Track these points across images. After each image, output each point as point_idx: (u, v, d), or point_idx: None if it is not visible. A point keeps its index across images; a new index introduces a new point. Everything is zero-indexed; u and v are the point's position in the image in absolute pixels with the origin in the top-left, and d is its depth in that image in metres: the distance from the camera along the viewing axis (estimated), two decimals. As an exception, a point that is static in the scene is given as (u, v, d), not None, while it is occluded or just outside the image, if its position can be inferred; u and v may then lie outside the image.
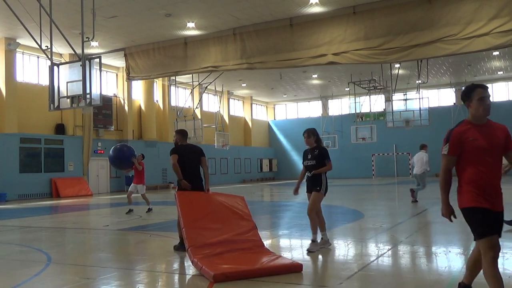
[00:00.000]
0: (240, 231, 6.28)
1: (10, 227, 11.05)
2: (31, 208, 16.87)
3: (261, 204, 17.32)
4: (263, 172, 43.72)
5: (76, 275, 5.70)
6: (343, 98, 42.01)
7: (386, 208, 13.31)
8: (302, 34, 16.01)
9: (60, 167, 23.98)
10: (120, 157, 12.77)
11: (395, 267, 5.82)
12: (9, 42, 21.22)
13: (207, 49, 18.05)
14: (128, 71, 19.93)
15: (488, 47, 13.45)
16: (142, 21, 18.42)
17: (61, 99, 11.36)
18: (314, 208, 6.88)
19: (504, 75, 35.42)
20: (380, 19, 14.71)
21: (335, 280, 5.02)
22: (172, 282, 5.43)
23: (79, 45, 11.84)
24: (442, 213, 3.87)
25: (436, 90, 39.30)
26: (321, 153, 6.96)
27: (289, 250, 7.27)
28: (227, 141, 31.62)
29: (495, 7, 12.88)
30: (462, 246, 6.91)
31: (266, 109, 46.33)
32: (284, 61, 16.31)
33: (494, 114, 15.71)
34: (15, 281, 5.36)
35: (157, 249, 7.75)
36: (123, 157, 12.76)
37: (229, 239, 6.00)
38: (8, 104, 21.52)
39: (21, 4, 13.74)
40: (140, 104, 30.08)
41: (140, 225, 10.49)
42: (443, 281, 4.88)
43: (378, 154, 40.28)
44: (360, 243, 7.38)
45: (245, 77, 32.54)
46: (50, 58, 11.77)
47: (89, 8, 13.23)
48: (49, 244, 8.27)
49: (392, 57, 14.77)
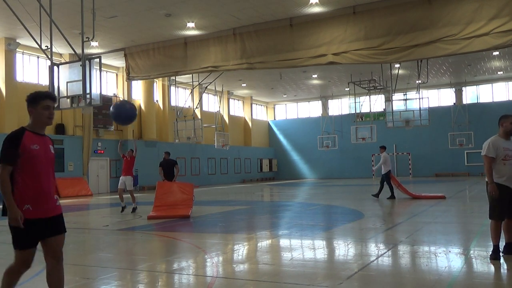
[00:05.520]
0: (181, 199, 12.29)
1: (10, 227, 11.03)
2: (31, 208, 16.83)
3: (261, 204, 17.32)
4: (263, 172, 43.71)
5: (76, 275, 5.70)
6: (343, 98, 42.01)
7: (386, 208, 13.31)
8: (302, 34, 16.01)
9: (60, 167, 23.95)
10: (122, 113, 11.11)
11: (395, 267, 5.82)
12: (9, 42, 21.21)
13: (207, 49, 18.04)
14: (128, 71, 19.92)
15: (488, 47, 13.45)
16: (142, 21, 18.41)
17: (61, 99, 11.35)
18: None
19: (504, 75, 35.42)
20: (380, 19, 14.71)
21: (335, 280, 5.02)
22: (172, 282, 5.43)
23: (79, 45, 11.84)
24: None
25: (436, 90, 39.30)
26: None
27: (289, 250, 7.26)
28: (227, 141, 31.61)
29: (495, 7, 12.88)
30: (462, 246, 6.91)
31: (266, 109, 46.33)
32: (284, 61, 16.30)
33: (494, 114, 15.72)
34: (15, 281, 5.35)
35: (157, 249, 7.75)
36: (126, 114, 11.10)
37: (174, 203, 12.12)
38: (8, 104, 21.52)
39: (21, 4, 13.74)
40: (140, 104, 30.06)
41: (140, 225, 10.49)
42: (443, 281, 4.88)
43: (378, 154, 40.22)
44: (360, 243, 7.38)
45: (245, 77, 32.53)
46: (50, 58, 11.76)
47: (89, 8, 13.23)
48: (49, 244, 8.24)
49: (392, 57, 14.76)
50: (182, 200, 12.27)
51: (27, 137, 3.61)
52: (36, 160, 3.61)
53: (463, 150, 36.55)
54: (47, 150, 3.73)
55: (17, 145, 3.54)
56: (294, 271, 5.55)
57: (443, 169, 38.19)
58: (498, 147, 5.64)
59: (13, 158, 3.53)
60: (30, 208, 3.57)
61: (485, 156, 5.69)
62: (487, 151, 5.69)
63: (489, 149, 5.67)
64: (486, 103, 37.48)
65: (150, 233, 9.45)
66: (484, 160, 5.72)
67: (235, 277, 5.41)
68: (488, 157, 5.65)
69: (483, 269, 5.46)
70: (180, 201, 12.26)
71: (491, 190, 5.58)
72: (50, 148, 3.80)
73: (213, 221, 11.43)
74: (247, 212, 13.42)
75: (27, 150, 3.57)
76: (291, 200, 17.75)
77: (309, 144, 42.40)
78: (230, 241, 8.18)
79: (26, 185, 3.57)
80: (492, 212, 5.69)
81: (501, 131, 5.76)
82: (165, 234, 9.15)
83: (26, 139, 3.59)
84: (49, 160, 3.75)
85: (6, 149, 3.54)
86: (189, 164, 33.67)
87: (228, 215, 12.54)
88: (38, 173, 3.63)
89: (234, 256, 6.74)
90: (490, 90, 38.04)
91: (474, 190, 19.85)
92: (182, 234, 9.26)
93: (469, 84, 37.88)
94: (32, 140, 3.62)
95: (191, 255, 6.86)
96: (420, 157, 39.01)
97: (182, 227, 10.26)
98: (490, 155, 5.64)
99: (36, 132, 3.70)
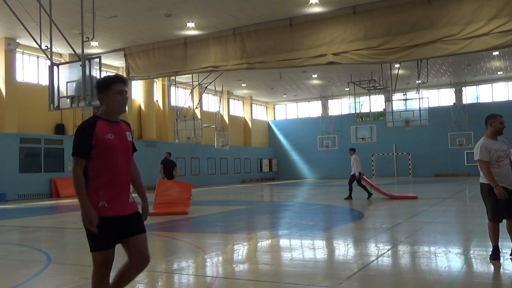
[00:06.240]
0: (179, 197, 12.96)
1: (10, 227, 11.04)
2: (31, 208, 16.86)
3: (261, 204, 17.32)
4: (263, 172, 43.72)
5: (76, 275, 5.70)
6: (343, 98, 42.00)
7: (386, 208, 13.31)
8: (302, 34, 16.02)
9: (60, 167, 23.96)
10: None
11: (395, 267, 5.82)
12: (9, 42, 21.21)
13: (207, 49, 18.04)
14: (128, 71, 19.92)
15: (488, 47, 13.46)
16: (142, 21, 18.41)
17: (61, 99, 11.36)
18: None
19: (504, 75, 35.42)
20: (380, 19, 14.71)
21: (335, 280, 5.02)
22: (172, 282, 5.43)
23: (79, 45, 11.84)
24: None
25: (436, 90, 39.30)
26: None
27: (289, 250, 7.26)
28: (227, 141, 31.61)
29: (495, 7, 12.88)
30: (462, 246, 6.91)
31: (266, 109, 46.33)
32: (284, 61, 16.31)
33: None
34: (15, 281, 5.35)
35: (157, 249, 7.75)
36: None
37: (173, 201, 12.81)
38: (8, 104, 21.52)
39: (21, 4, 13.73)
40: (140, 104, 30.08)
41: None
42: (443, 281, 4.87)
43: (378, 154, 40.28)
44: (360, 243, 7.38)
45: (245, 77, 32.54)
46: (50, 58, 11.76)
47: (89, 8, 13.23)
48: (49, 244, 8.26)
49: (392, 57, 14.77)
50: (181, 198, 12.96)
51: (100, 126, 3.27)
52: (111, 152, 3.26)
53: (463, 150, 36.55)
54: (123, 138, 3.38)
55: (90, 135, 3.21)
56: (294, 271, 5.55)
57: (443, 169, 38.19)
58: (490, 149, 5.54)
59: (86, 150, 3.20)
60: (105, 205, 3.23)
61: (480, 160, 5.57)
62: (480, 155, 5.57)
63: (482, 153, 5.55)
64: (486, 103, 37.48)
65: (150, 233, 9.41)
66: (480, 165, 5.58)
67: (235, 277, 5.41)
68: (482, 161, 5.55)
69: (483, 269, 5.46)
70: (178, 199, 12.94)
71: (498, 193, 5.40)
72: (127, 135, 3.45)
73: (213, 221, 11.43)
74: (247, 212, 13.42)
75: (101, 141, 3.23)
76: (291, 200, 17.75)
77: (309, 144, 42.40)
78: (230, 241, 8.18)
79: (101, 180, 3.24)
80: (491, 214, 5.64)
81: (489, 132, 5.65)
82: (165, 234, 9.14)
83: (99, 128, 3.26)
84: (126, 149, 3.40)
85: (78, 140, 3.22)
86: (189, 164, 33.66)
87: (228, 215, 12.54)
88: (115, 166, 3.28)
89: (234, 256, 6.73)
90: (490, 90, 38.05)
91: (474, 190, 19.85)
92: (182, 234, 9.27)
93: (469, 84, 37.89)
94: (106, 130, 3.28)
95: (191, 255, 6.86)
96: (420, 157, 39.01)
97: (182, 227, 10.26)
98: (484, 159, 5.53)
99: (110, 120, 3.37)
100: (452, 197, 16.27)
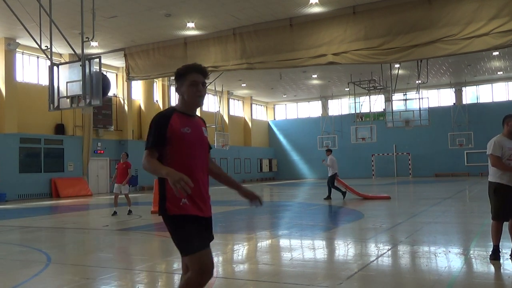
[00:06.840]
0: None
1: (10, 227, 11.04)
2: (31, 208, 16.87)
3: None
4: (263, 172, 43.72)
5: (76, 275, 5.70)
6: (343, 98, 42.00)
7: (386, 208, 13.31)
8: (302, 34, 16.02)
9: (60, 167, 23.96)
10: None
11: (395, 267, 5.82)
12: (9, 42, 21.21)
13: (207, 49, 18.04)
14: (128, 71, 19.93)
15: (488, 47, 13.45)
16: (142, 21, 18.41)
17: (61, 99, 11.35)
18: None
19: (504, 75, 35.42)
20: (380, 19, 14.71)
21: (335, 280, 5.02)
22: (172, 282, 5.42)
23: (79, 45, 11.82)
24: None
25: (436, 90, 39.30)
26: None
27: (289, 250, 7.26)
28: (227, 141, 31.61)
29: (495, 7, 12.88)
30: (462, 246, 6.91)
31: (266, 109, 46.33)
32: (284, 61, 16.31)
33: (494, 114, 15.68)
34: (15, 281, 5.36)
35: (157, 249, 7.75)
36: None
37: None
38: (8, 104, 21.52)
39: (21, 4, 13.73)
40: (140, 104, 30.08)
41: (140, 225, 10.49)
42: (443, 281, 4.87)
43: (378, 154, 40.28)
44: (360, 243, 7.38)
45: (245, 77, 32.53)
46: (50, 58, 11.75)
47: (89, 8, 13.22)
48: (49, 244, 8.26)
49: (392, 57, 14.77)
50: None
51: (176, 118, 3.01)
52: (188, 146, 2.99)
53: (463, 150, 36.55)
54: (200, 134, 3.12)
55: (164, 126, 2.94)
56: (294, 271, 5.55)
57: (443, 169, 38.19)
58: (503, 146, 5.59)
59: (159, 142, 2.92)
60: (187, 202, 2.93)
61: (492, 155, 5.60)
62: (493, 150, 5.60)
63: (495, 148, 5.59)
64: (486, 103, 37.49)
65: (150, 233, 9.45)
66: (492, 160, 5.60)
67: (235, 277, 5.41)
68: (494, 156, 5.59)
69: (483, 269, 5.46)
70: None
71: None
72: (203, 131, 3.20)
73: (213, 221, 11.41)
74: (247, 212, 13.42)
75: (177, 134, 2.95)
76: (291, 200, 17.75)
77: (309, 144, 42.40)
78: (230, 241, 8.17)
79: None
80: (495, 213, 5.65)
81: (506, 131, 5.70)
82: (165, 234, 9.13)
83: (175, 121, 2.99)
84: (204, 146, 3.12)
85: (151, 132, 2.95)
86: (189, 164, 33.61)
87: (228, 215, 12.54)
88: (193, 162, 2.99)
89: (234, 256, 6.73)
90: (490, 90, 38.04)
91: (474, 190, 19.85)
92: (182, 234, 9.24)
93: (469, 84, 37.88)
94: (182, 123, 3.02)
95: (191, 255, 6.85)
96: (420, 157, 39.01)
97: (182, 227, 10.24)
98: (496, 153, 5.57)
99: (186, 113, 3.12)
100: (452, 197, 16.27)
